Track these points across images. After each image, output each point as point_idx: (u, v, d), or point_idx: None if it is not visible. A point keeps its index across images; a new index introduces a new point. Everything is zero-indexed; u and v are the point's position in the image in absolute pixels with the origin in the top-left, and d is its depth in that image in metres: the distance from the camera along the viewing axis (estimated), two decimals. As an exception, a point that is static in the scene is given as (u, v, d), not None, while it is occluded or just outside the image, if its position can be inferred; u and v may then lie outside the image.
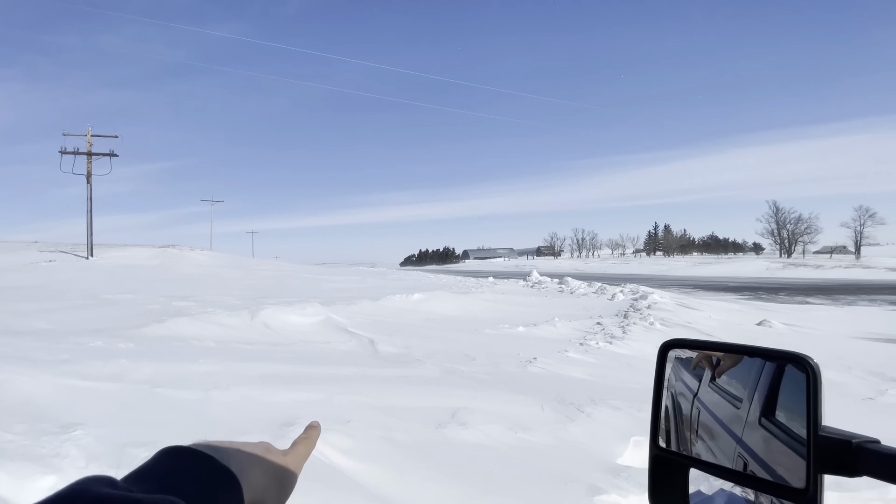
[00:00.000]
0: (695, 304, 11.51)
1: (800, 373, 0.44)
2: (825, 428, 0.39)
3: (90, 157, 22.26)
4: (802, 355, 0.42)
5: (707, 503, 0.50)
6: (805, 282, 29.19)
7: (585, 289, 16.29)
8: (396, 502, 2.04)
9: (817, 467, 0.38)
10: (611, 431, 3.07)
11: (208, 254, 27.12)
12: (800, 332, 8.57)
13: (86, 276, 13.87)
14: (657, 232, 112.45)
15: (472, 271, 53.23)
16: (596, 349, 6.38)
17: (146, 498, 0.29)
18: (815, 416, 0.39)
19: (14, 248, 22.46)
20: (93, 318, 6.89)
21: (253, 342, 5.81)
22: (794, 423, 0.44)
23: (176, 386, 3.49)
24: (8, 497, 1.90)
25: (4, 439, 2.38)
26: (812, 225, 70.49)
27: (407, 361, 5.10)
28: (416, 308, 9.89)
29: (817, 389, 0.40)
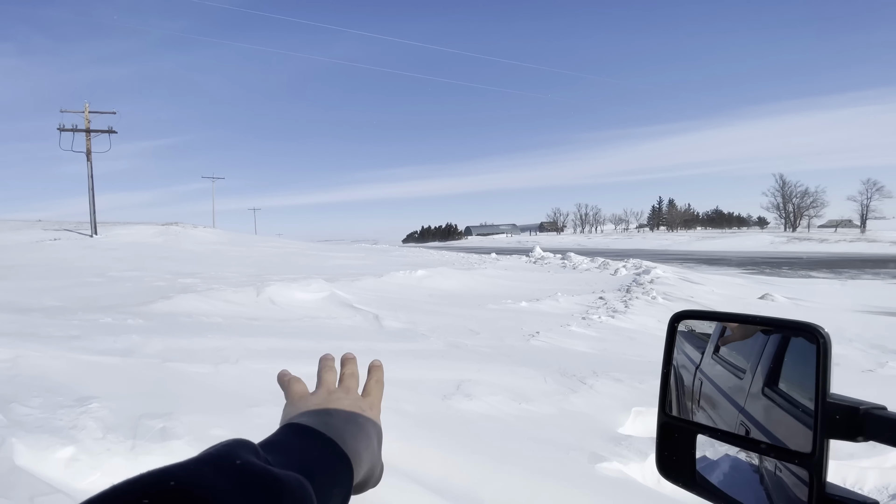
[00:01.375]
0: (697, 279, 11.53)
1: (804, 344, 0.45)
2: (833, 395, 0.40)
3: (89, 134, 22.07)
4: (813, 324, 0.43)
5: (713, 467, 0.52)
6: (809, 256, 29.10)
7: (588, 264, 16.31)
8: (404, 470, 2.11)
9: (824, 432, 0.39)
10: (612, 402, 3.13)
11: (211, 231, 27.17)
12: (802, 305, 8.60)
13: (91, 254, 13.96)
14: (661, 206, 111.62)
15: (475, 247, 53.28)
16: (598, 323, 6.44)
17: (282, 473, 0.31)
18: (823, 383, 0.40)
19: (18, 227, 22.55)
20: (101, 295, 6.98)
21: (259, 318, 5.89)
22: (798, 392, 0.45)
23: (186, 360, 3.56)
24: (27, 467, 1.97)
25: (22, 413, 2.45)
26: (818, 199, 69.72)
27: (412, 336, 5.17)
28: (420, 284, 9.95)
29: (827, 357, 0.41)
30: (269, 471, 0.30)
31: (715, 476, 0.52)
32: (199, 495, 0.25)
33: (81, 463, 2.04)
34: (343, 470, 0.39)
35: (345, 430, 0.43)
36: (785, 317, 0.47)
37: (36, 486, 1.81)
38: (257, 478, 0.29)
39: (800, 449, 0.41)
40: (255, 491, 0.28)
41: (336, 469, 0.38)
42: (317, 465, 0.36)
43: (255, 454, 0.32)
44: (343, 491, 0.39)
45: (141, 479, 0.26)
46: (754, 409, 0.49)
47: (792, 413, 0.45)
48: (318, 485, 0.34)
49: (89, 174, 22.21)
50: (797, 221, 71.25)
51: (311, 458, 0.37)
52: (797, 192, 71.86)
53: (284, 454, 0.35)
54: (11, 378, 3.02)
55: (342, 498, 0.38)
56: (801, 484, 0.41)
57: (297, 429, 0.40)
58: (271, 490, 0.29)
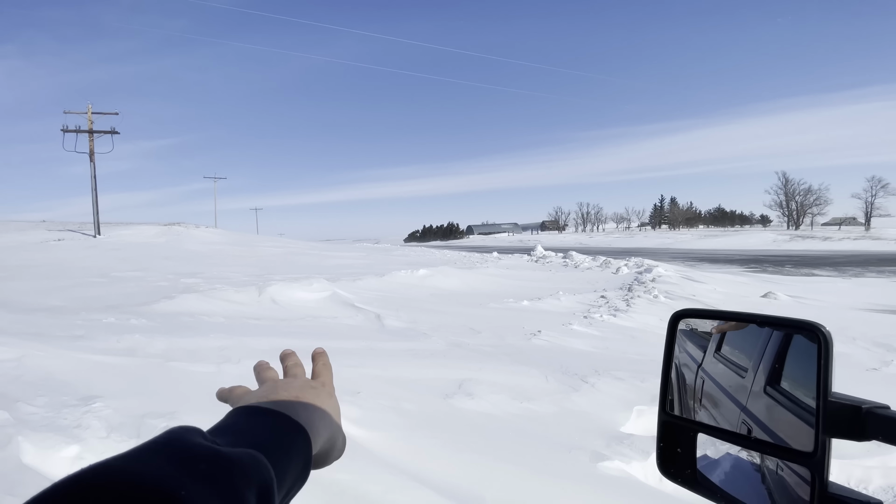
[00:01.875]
0: (699, 277, 11.50)
1: (806, 342, 0.45)
2: (834, 394, 0.40)
3: (92, 134, 22.13)
4: (814, 323, 0.43)
5: (714, 466, 0.52)
6: (812, 254, 29.00)
7: (590, 263, 16.29)
8: (407, 469, 2.11)
9: (826, 431, 0.39)
10: (614, 401, 3.13)
11: (213, 231, 27.22)
12: (805, 303, 8.58)
13: (95, 254, 14.01)
14: (663, 205, 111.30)
15: (477, 246, 53.24)
16: (600, 322, 6.43)
17: (230, 451, 0.31)
18: (825, 382, 0.40)
19: (23, 228, 22.63)
20: (104, 295, 7.00)
21: (261, 317, 5.90)
22: (800, 391, 0.45)
23: (189, 360, 3.57)
24: (33, 465, 1.98)
25: (27, 412, 2.46)
26: (822, 196, 69.38)
27: (413, 335, 5.17)
28: (421, 283, 9.96)
29: (828, 356, 0.41)
30: (216, 449, 0.30)
31: (716, 475, 0.52)
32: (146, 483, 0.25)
33: (86, 461, 2.04)
34: (299, 439, 0.39)
35: (296, 404, 0.42)
36: (786, 315, 0.47)
37: (42, 484, 1.78)
38: (204, 458, 0.29)
39: (802, 448, 0.41)
40: (204, 471, 0.28)
41: (291, 439, 0.38)
42: (269, 438, 0.36)
43: (202, 437, 0.32)
44: (301, 459, 0.38)
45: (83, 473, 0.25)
46: (756, 408, 0.49)
47: (794, 412, 0.45)
48: (274, 457, 0.34)
49: (92, 175, 22.28)
50: (800, 219, 70.97)
51: (263, 434, 0.36)
52: (800, 189, 71.56)
53: (234, 435, 0.35)
54: (17, 377, 3.03)
55: (302, 466, 0.38)
56: (803, 483, 0.41)
57: (246, 410, 0.40)
58: (221, 467, 0.29)
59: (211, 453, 0.29)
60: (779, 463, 0.46)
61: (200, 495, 0.26)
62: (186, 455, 0.28)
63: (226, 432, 0.35)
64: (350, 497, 1.82)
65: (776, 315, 0.48)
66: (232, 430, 0.36)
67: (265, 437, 0.36)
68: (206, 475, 0.27)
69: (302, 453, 0.38)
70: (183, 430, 0.32)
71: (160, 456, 0.28)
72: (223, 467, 0.29)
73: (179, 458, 0.28)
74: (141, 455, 0.28)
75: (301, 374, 0.52)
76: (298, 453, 0.38)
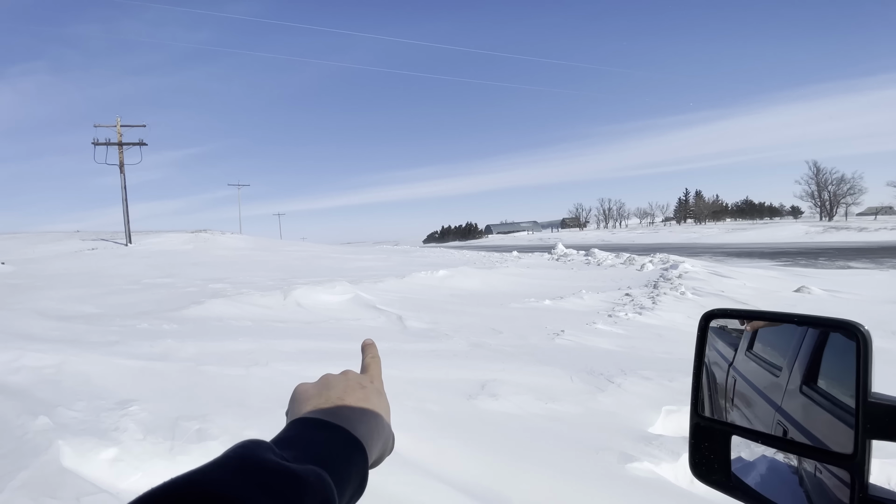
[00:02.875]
0: (728, 272, 11.19)
1: (844, 339, 0.43)
2: (875, 394, 0.39)
3: (121, 147, 22.93)
4: (852, 322, 0.42)
5: (749, 469, 0.51)
6: (847, 245, 27.85)
7: (613, 260, 16.02)
8: (433, 470, 2.12)
9: (866, 433, 0.38)
10: (642, 401, 3.07)
11: (238, 237, 27.86)
12: (841, 297, 8.24)
13: (127, 262, 14.52)
14: (688, 198, 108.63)
15: (496, 246, 53.01)
16: (625, 320, 6.32)
17: (301, 469, 0.32)
18: (864, 383, 0.39)
19: (58, 238, 23.62)
20: (137, 302, 7.25)
21: (287, 320, 6.01)
22: (838, 390, 0.44)
23: (219, 363, 3.66)
24: (73, 468, 2.06)
25: (67, 416, 2.57)
26: (856, 185, 66.61)
27: (435, 336, 5.19)
28: (442, 284, 9.98)
29: (867, 355, 0.39)
30: (289, 468, 0.32)
31: (752, 478, 0.51)
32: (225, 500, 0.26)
33: (124, 464, 2.13)
34: (357, 455, 0.40)
35: (351, 414, 0.43)
36: (822, 314, 0.45)
37: (82, 487, 1.90)
38: (278, 476, 0.30)
39: (840, 450, 0.40)
40: (278, 488, 0.29)
41: (350, 456, 0.39)
42: (331, 455, 0.37)
43: (272, 452, 0.33)
44: (359, 475, 0.39)
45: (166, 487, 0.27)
46: (792, 408, 0.48)
47: (832, 412, 0.43)
48: (336, 474, 0.35)
49: (122, 185, 23.09)
50: (834, 210, 68.28)
51: (325, 449, 0.38)
52: (832, 179, 68.88)
53: (299, 449, 0.36)
54: (57, 383, 3.17)
55: (359, 482, 0.39)
56: (842, 486, 0.40)
57: (305, 422, 0.41)
58: (293, 486, 0.30)
59: (282, 470, 0.31)
60: (817, 465, 0.45)
61: None
62: (260, 470, 0.30)
63: (290, 446, 0.37)
64: (379, 498, 1.84)
65: (812, 314, 0.46)
66: (297, 443, 0.38)
67: (326, 453, 0.37)
68: (277, 491, 0.29)
69: (359, 470, 0.40)
70: (254, 444, 0.34)
71: (236, 470, 0.30)
72: (293, 484, 0.30)
73: (253, 473, 0.30)
74: (218, 469, 0.30)
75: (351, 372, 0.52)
76: (357, 471, 0.39)
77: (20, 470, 1.97)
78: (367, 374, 0.52)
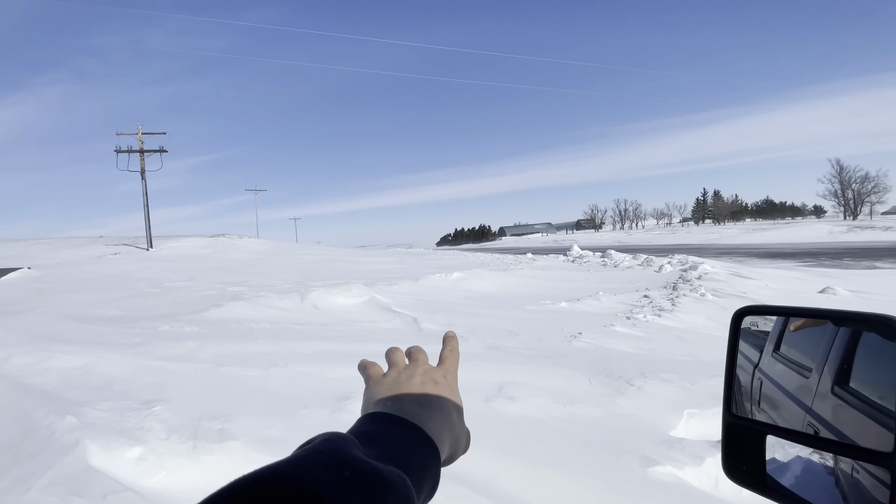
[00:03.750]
0: (749, 273, 10.95)
1: (878, 339, 0.42)
2: (917, 391, 0.38)
3: (143, 154, 23.52)
4: (888, 316, 0.41)
5: (784, 470, 0.50)
6: (873, 245, 27.02)
7: (630, 261, 15.82)
8: (451, 472, 2.12)
9: None
10: (663, 404, 3.02)
11: (256, 241, 28.30)
12: (867, 298, 8.00)
13: (148, 266, 14.85)
14: (706, 198, 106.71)
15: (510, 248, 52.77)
16: (644, 322, 6.23)
17: (386, 470, 0.32)
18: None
19: (82, 244, 24.30)
20: (159, 305, 7.41)
21: (304, 322, 6.08)
22: (874, 392, 0.43)
23: (239, 364, 3.72)
24: (100, 467, 2.10)
25: (93, 416, 2.63)
26: (881, 183, 64.59)
27: (451, 338, 5.18)
28: (456, 286, 9.97)
29: None
30: (376, 467, 0.31)
31: (787, 479, 0.50)
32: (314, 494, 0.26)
33: (149, 462, 2.17)
34: (431, 457, 0.39)
35: (422, 412, 0.43)
36: (857, 310, 0.44)
37: (108, 485, 1.94)
38: (365, 475, 0.30)
39: (880, 448, 0.39)
40: (365, 488, 0.29)
41: (427, 458, 0.39)
42: (410, 456, 0.37)
43: (357, 449, 0.33)
44: (433, 478, 0.39)
45: (257, 476, 0.27)
46: (823, 410, 0.47)
47: (868, 413, 0.42)
48: (413, 476, 0.35)
49: (144, 192, 23.67)
50: (858, 209, 66.35)
51: (404, 450, 0.37)
52: (856, 177, 66.93)
53: (379, 447, 0.36)
54: (83, 383, 3.26)
55: (432, 485, 0.39)
56: (880, 486, 0.39)
57: (382, 417, 0.41)
58: (379, 486, 0.30)
59: (369, 469, 0.31)
60: (853, 465, 0.43)
61: None
62: (347, 466, 0.30)
63: (371, 443, 0.36)
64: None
65: (847, 309, 0.45)
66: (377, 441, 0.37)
67: (406, 453, 0.37)
68: (364, 489, 0.29)
69: (433, 472, 0.39)
70: (341, 439, 0.33)
71: (323, 465, 0.29)
72: (380, 484, 0.30)
73: (341, 469, 0.29)
74: (306, 462, 0.30)
75: (423, 360, 0.51)
76: (432, 473, 0.39)
77: (48, 469, 2.02)
78: (442, 368, 0.51)
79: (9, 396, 2.99)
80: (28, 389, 3.13)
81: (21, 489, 1.89)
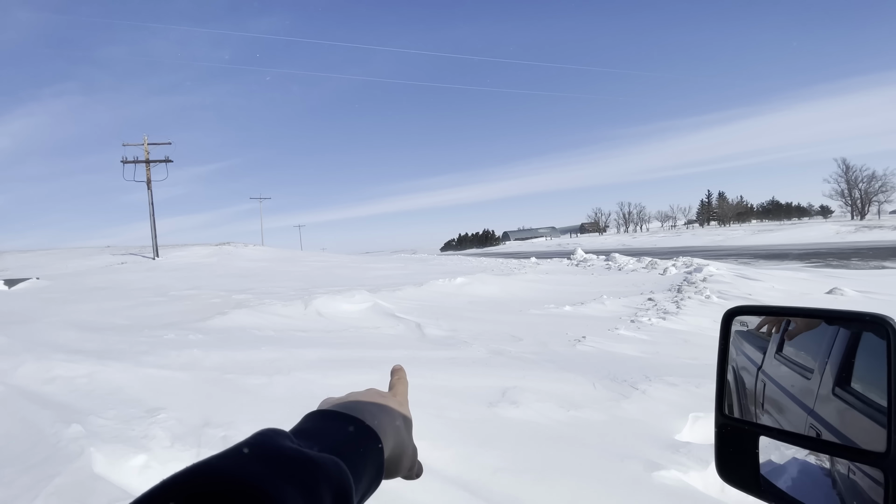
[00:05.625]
0: (755, 275, 10.87)
1: (878, 339, 0.42)
2: (908, 390, 0.38)
3: (148, 164, 23.75)
4: (881, 315, 0.40)
5: (780, 472, 0.49)
6: (881, 245, 26.76)
7: (634, 264, 15.75)
8: (455, 477, 2.11)
9: None
10: (668, 408, 2.99)
11: (260, 249, 28.42)
12: (876, 299, 7.91)
13: (154, 276, 14.94)
14: (710, 200, 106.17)
15: (514, 252, 52.67)
16: (648, 326, 6.19)
17: (317, 455, 0.33)
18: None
19: (89, 253, 24.50)
20: (164, 313, 7.45)
21: (308, 329, 6.08)
22: (874, 392, 0.42)
23: (243, 372, 3.73)
24: (104, 475, 2.11)
25: (98, 424, 2.65)
26: (888, 182, 64.08)
27: (454, 343, 5.17)
28: (460, 291, 9.96)
29: None
30: (306, 454, 0.32)
31: (782, 481, 0.49)
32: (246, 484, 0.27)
33: (153, 470, 2.18)
34: (371, 444, 0.41)
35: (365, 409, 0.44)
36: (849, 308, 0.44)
37: (112, 493, 1.95)
38: (296, 462, 0.31)
39: (874, 448, 0.39)
40: (295, 474, 0.30)
41: (364, 444, 0.40)
42: (346, 443, 0.38)
43: (289, 440, 0.34)
44: (375, 464, 0.40)
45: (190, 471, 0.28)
46: (825, 412, 0.46)
47: (868, 414, 0.42)
48: (351, 462, 0.36)
49: (150, 201, 23.86)
50: (865, 208, 65.84)
51: (340, 438, 0.39)
52: (863, 176, 66.43)
53: (314, 438, 0.37)
54: (89, 392, 3.28)
55: (375, 470, 0.40)
56: (877, 486, 0.39)
57: (321, 414, 0.43)
58: (309, 472, 0.31)
59: (300, 456, 0.32)
60: (850, 466, 0.43)
61: (290, 495, 0.28)
62: (278, 456, 0.31)
63: (307, 436, 0.38)
64: (399, 506, 1.83)
65: (838, 309, 0.45)
66: (313, 433, 0.39)
67: (341, 442, 0.38)
68: (295, 477, 0.30)
69: (375, 459, 0.40)
70: (273, 432, 0.35)
71: (254, 457, 0.31)
72: (311, 470, 0.31)
73: (272, 460, 0.31)
74: (237, 456, 0.31)
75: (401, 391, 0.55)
76: (372, 459, 0.40)
77: (54, 476, 2.03)
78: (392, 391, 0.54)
79: (16, 405, 3.01)
80: (35, 398, 3.15)
81: (28, 497, 1.90)
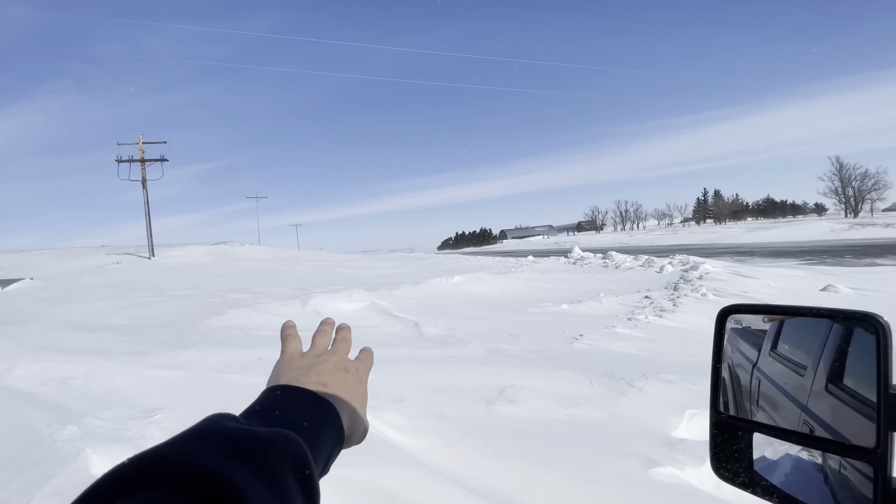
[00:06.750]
0: (750, 272, 10.93)
1: (869, 336, 0.43)
2: (896, 387, 0.38)
3: (143, 163, 23.63)
4: (870, 313, 0.41)
5: (773, 468, 0.50)
6: (875, 242, 26.95)
7: (631, 262, 15.80)
8: (452, 475, 2.12)
9: (888, 425, 0.38)
10: (664, 405, 3.01)
11: (257, 248, 28.35)
12: (870, 296, 7.98)
13: (150, 275, 14.88)
14: (706, 198, 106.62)
15: (511, 251, 52.76)
16: (645, 323, 6.22)
17: (265, 431, 0.34)
18: (885, 375, 0.38)
19: (84, 253, 24.37)
20: (161, 313, 7.42)
21: (306, 329, 5.93)
22: (865, 388, 0.43)
23: (240, 371, 3.72)
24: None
25: (95, 425, 2.64)
26: (881, 180, 64.66)
27: (452, 342, 5.18)
28: (457, 290, 9.97)
29: (887, 347, 0.39)
30: (252, 431, 0.33)
31: (776, 476, 0.50)
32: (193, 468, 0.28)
33: (150, 471, 2.17)
34: (327, 411, 0.41)
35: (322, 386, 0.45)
36: (840, 307, 0.45)
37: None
38: (242, 441, 0.32)
39: (863, 444, 0.39)
40: (244, 454, 0.31)
41: (320, 412, 0.41)
42: (300, 415, 0.39)
43: (234, 421, 0.35)
44: (334, 429, 0.41)
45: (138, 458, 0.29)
46: (818, 408, 0.47)
47: (859, 410, 0.43)
48: (306, 432, 0.37)
49: (145, 201, 23.76)
50: (859, 206, 66.33)
51: (294, 411, 0.39)
52: (856, 174, 66.99)
53: (265, 415, 0.38)
54: (85, 393, 3.26)
55: (335, 436, 0.41)
56: (867, 481, 0.39)
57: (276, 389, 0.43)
58: (255, 447, 0.32)
59: (245, 435, 0.33)
60: (841, 462, 0.44)
61: (239, 474, 0.29)
62: (222, 438, 0.32)
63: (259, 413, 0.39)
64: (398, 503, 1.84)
65: (829, 307, 0.46)
66: (265, 409, 0.40)
67: (296, 414, 0.39)
68: (241, 455, 0.31)
69: (333, 424, 0.41)
70: (217, 416, 0.36)
71: (200, 441, 0.31)
72: (257, 447, 0.32)
73: (217, 441, 0.31)
74: (183, 441, 0.32)
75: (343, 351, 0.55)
76: (329, 425, 0.41)
77: (49, 478, 2.03)
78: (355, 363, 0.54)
79: (11, 407, 3.00)
80: (30, 399, 3.14)
81: (23, 499, 1.89)
